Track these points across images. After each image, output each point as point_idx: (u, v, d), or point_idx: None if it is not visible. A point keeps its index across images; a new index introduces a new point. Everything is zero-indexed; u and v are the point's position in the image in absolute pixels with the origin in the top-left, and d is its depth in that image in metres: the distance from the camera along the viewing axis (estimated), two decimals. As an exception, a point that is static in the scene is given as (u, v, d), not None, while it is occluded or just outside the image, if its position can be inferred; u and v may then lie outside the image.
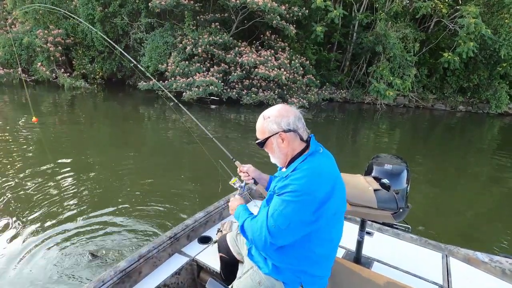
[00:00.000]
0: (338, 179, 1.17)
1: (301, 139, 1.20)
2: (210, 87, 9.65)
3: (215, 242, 1.93)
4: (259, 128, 1.23)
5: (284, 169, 1.26)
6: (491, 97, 12.42)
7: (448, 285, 1.67)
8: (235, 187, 1.60)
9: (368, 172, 1.70)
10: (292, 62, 10.84)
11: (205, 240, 1.99)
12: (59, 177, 4.31)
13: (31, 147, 5.53)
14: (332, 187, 1.11)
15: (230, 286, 1.35)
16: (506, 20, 10.66)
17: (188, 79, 9.96)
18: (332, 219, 1.15)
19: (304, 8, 10.81)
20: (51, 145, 5.85)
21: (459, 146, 8.28)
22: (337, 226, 1.21)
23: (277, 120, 1.18)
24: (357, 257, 1.79)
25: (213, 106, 10.11)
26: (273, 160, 1.27)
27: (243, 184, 1.59)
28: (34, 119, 3.23)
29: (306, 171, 1.11)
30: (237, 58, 10.27)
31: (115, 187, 4.17)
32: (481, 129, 10.89)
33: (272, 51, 10.88)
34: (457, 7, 11.22)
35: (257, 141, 1.25)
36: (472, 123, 11.50)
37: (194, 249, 1.90)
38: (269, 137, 1.20)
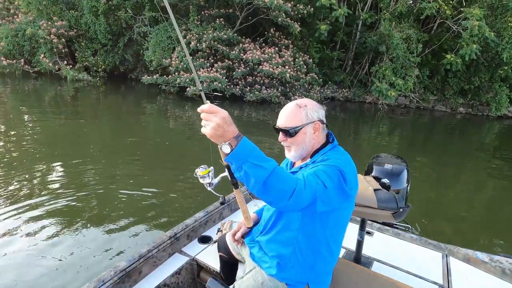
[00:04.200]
0: (357, 174, 1.16)
1: (327, 133, 1.21)
2: (214, 83, 9.68)
3: (215, 242, 1.90)
4: (291, 116, 1.15)
5: (301, 162, 1.24)
6: (491, 99, 12.48)
7: (448, 285, 1.67)
8: (202, 182, 1.17)
9: (368, 172, 1.70)
10: (296, 60, 10.86)
11: (205, 239, 1.97)
12: (59, 170, 4.32)
13: (31, 140, 5.53)
14: (356, 178, 1.12)
15: (231, 286, 1.32)
16: (509, 24, 10.67)
17: (192, 74, 9.99)
18: (348, 207, 1.15)
19: (309, 6, 10.80)
20: (52, 138, 5.88)
21: (458, 147, 8.36)
22: (347, 217, 1.20)
23: (316, 109, 1.17)
24: (357, 257, 1.78)
25: (216, 102, 10.14)
26: (293, 153, 1.18)
27: (215, 181, 1.20)
28: None
29: (341, 155, 1.12)
30: (241, 54, 10.28)
31: (115, 182, 4.16)
32: (481, 131, 10.96)
33: (276, 48, 10.90)
34: (461, 9, 11.22)
35: (288, 129, 1.14)
36: (472, 125, 11.57)
37: (194, 249, 1.89)
38: (306, 124, 1.14)
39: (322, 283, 1.25)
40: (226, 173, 1.11)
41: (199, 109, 0.87)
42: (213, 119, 0.85)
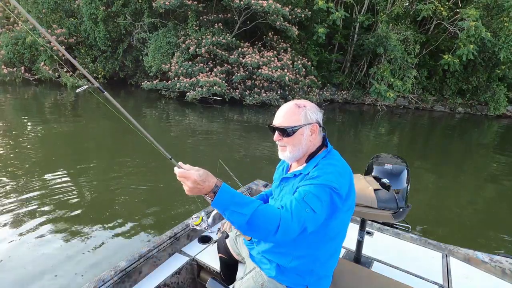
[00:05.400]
0: (353, 178, 1.17)
1: (323, 137, 1.20)
2: (214, 87, 9.73)
3: (215, 242, 1.87)
4: (290, 115, 1.13)
5: (296, 165, 1.23)
6: (490, 99, 12.55)
7: (448, 285, 1.67)
8: (199, 229, 1.32)
9: (368, 172, 1.71)
10: (295, 63, 10.94)
11: (205, 239, 1.97)
12: (60, 173, 4.33)
13: (31, 145, 5.54)
14: (350, 184, 1.12)
15: (231, 286, 1.32)
16: (505, 24, 10.76)
17: (192, 79, 10.05)
18: (346, 216, 1.15)
19: (306, 9, 10.90)
20: (52, 142, 5.91)
21: (458, 147, 8.37)
22: (346, 224, 1.20)
23: (314, 111, 1.16)
24: (357, 257, 1.79)
25: (216, 106, 10.21)
26: (288, 154, 1.17)
27: (210, 221, 1.35)
28: None
29: (332, 167, 1.09)
30: (240, 58, 10.35)
31: (116, 184, 4.18)
32: (480, 130, 11.00)
33: (275, 52, 10.98)
34: (457, 10, 11.32)
35: (286, 128, 1.12)
36: (471, 125, 11.60)
37: (194, 249, 1.89)
38: (304, 125, 1.13)
39: (322, 285, 1.24)
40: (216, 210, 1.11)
41: (175, 171, 0.95)
42: (186, 183, 0.94)
